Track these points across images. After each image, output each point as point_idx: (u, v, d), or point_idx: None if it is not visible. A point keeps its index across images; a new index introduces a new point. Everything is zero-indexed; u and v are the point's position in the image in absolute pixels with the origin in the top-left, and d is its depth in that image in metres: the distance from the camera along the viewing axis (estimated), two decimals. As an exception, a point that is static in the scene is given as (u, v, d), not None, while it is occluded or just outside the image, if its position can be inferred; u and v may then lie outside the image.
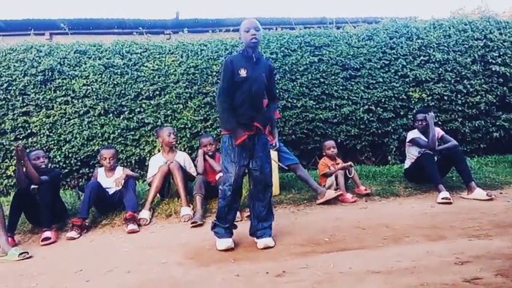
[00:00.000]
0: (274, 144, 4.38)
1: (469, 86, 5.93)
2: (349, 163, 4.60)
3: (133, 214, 3.81)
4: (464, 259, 2.48)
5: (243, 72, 2.95)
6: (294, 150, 5.46)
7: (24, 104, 5.42)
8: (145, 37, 5.95)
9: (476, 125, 5.99)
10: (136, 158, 5.47)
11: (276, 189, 4.47)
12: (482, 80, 6.00)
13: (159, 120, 5.46)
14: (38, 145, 5.30)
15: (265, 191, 3.06)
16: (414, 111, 5.40)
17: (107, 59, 5.55)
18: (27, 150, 4.56)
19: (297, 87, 5.66)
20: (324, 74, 5.74)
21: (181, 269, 2.71)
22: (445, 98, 5.89)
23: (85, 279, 2.67)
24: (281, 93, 5.61)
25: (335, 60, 5.77)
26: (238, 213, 3.48)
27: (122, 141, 5.46)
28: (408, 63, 5.89)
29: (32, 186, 3.81)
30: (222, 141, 3.11)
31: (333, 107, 5.72)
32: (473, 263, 2.42)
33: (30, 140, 5.37)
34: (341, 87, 5.76)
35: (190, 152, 5.31)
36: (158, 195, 4.37)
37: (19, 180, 3.73)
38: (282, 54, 5.72)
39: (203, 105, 5.54)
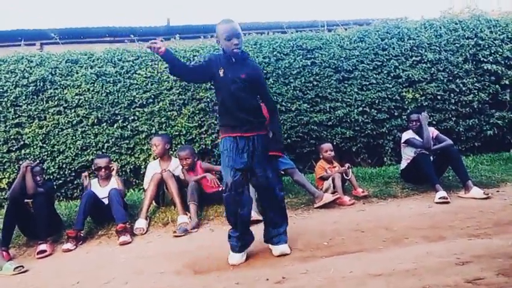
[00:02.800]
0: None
1: (461, 85, 5.95)
2: (346, 165, 4.58)
3: (123, 226, 3.73)
4: (465, 259, 2.46)
5: (221, 73, 2.78)
6: (290, 154, 5.44)
7: (17, 116, 5.36)
8: (136, 44, 5.91)
9: (470, 123, 6.00)
10: (131, 166, 5.42)
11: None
12: (475, 79, 6.02)
13: (153, 128, 5.42)
14: (32, 157, 5.24)
15: (272, 196, 2.88)
16: (408, 111, 5.41)
17: (99, 67, 5.51)
18: (20, 163, 4.52)
19: (291, 91, 5.65)
20: (317, 77, 5.74)
21: (180, 278, 2.68)
22: (438, 97, 5.90)
23: (82, 292, 2.64)
24: (275, 97, 5.59)
25: (327, 62, 5.77)
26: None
27: (117, 150, 5.42)
28: (400, 64, 5.90)
29: (26, 200, 3.76)
30: (220, 146, 2.94)
31: (328, 109, 5.71)
32: (474, 262, 2.40)
33: (23, 151, 5.30)
34: (334, 90, 5.76)
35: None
36: (154, 203, 4.36)
37: (14, 191, 3.67)
38: (274, 58, 5.71)
39: (197, 112, 5.50)
